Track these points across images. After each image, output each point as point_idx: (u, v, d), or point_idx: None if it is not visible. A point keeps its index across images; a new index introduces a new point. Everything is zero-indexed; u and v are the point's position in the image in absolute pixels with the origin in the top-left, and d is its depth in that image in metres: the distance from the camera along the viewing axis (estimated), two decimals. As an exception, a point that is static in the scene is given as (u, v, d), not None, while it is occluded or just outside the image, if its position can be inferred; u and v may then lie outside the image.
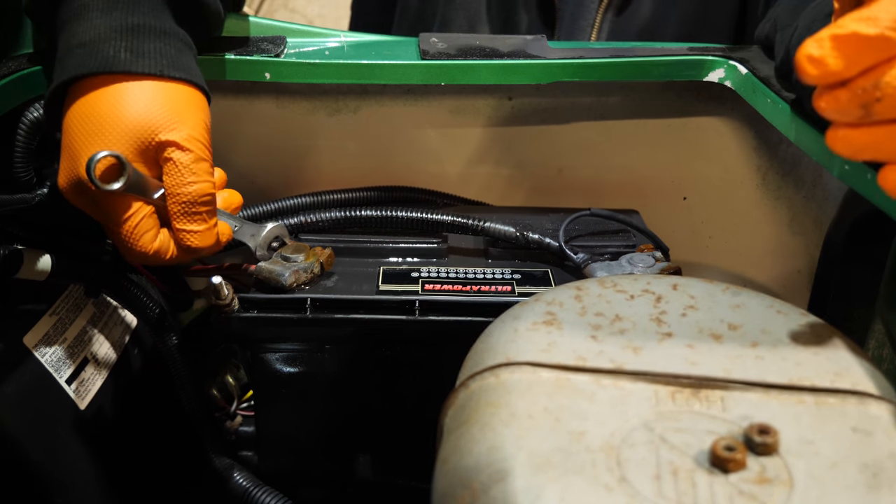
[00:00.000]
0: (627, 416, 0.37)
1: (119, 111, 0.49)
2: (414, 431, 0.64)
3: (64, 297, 0.64)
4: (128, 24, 0.51)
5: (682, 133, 0.79)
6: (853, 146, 0.36)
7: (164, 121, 0.50)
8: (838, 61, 0.34)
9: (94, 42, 0.50)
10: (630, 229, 0.69)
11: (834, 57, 0.34)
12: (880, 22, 0.33)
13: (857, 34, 0.34)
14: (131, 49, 0.51)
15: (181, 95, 0.52)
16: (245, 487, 0.64)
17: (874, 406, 0.38)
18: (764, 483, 0.34)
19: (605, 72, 0.69)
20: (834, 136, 0.37)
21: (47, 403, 0.60)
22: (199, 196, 0.51)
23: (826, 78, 0.35)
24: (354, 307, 0.59)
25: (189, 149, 0.51)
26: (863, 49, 0.34)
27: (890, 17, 0.33)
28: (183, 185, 0.51)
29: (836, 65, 0.34)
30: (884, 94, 0.34)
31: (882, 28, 0.33)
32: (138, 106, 0.50)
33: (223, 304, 0.58)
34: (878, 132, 0.35)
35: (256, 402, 0.66)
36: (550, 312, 0.44)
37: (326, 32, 0.73)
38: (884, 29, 0.33)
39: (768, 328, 0.43)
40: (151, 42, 0.52)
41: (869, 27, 0.33)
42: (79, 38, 0.51)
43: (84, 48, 0.50)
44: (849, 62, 0.34)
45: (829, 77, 0.35)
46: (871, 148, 0.36)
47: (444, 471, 0.38)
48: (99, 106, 0.50)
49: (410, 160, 0.79)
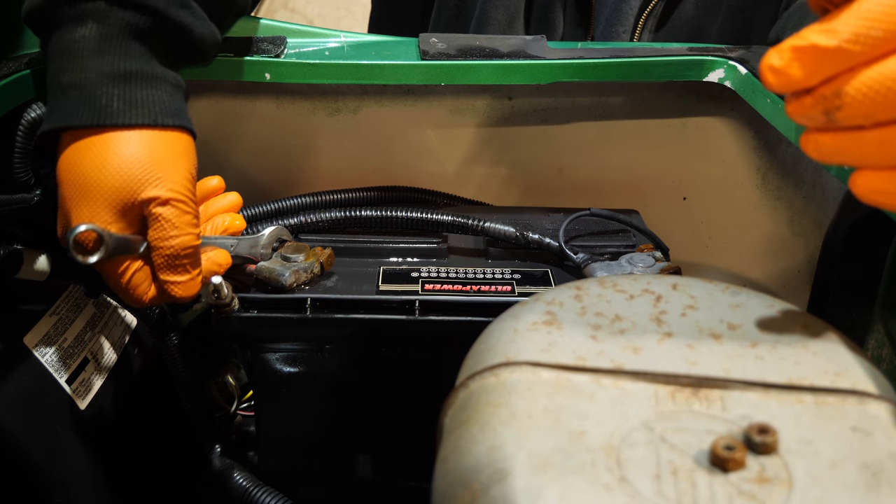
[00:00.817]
0: (627, 415, 0.37)
1: (104, 170, 0.50)
2: (414, 431, 0.64)
3: (64, 297, 0.64)
4: (120, 70, 0.51)
5: (682, 133, 0.79)
6: (822, 151, 0.38)
7: (149, 177, 0.51)
8: (798, 72, 0.36)
9: (85, 86, 0.51)
10: (630, 229, 0.69)
11: (794, 67, 0.36)
12: (839, 34, 0.34)
13: (816, 46, 0.35)
14: (123, 98, 0.51)
15: (169, 144, 0.53)
16: (245, 487, 0.64)
17: (874, 406, 0.38)
18: (764, 483, 0.34)
19: (605, 72, 0.69)
20: (806, 140, 0.39)
21: (47, 403, 0.60)
22: (182, 249, 0.52)
23: (787, 87, 0.36)
24: (354, 307, 0.59)
25: (172, 203, 0.52)
26: (822, 60, 0.35)
27: (849, 29, 0.34)
28: (165, 240, 0.52)
29: (796, 75, 0.36)
30: (843, 102, 0.35)
31: (840, 40, 0.34)
32: (123, 163, 0.51)
33: (223, 304, 0.58)
34: (844, 138, 0.37)
35: (256, 402, 0.66)
36: (550, 312, 0.44)
37: (326, 32, 0.73)
38: (841, 41, 0.34)
39: (768, 328, 0.43)
40: (143, 90, 0.52)
41: (828, 39, 0.35)
42: (69, 77, 0.51)
43: (76, 91, 0.51)
44: (808, 72, 0.35)
45: (790, 86, 0.36)
46: (839, 153, 0.37)
47: (443, 471, 0.38)
48: (85, 163, 0.51)
49: (410, 160, 0.79)
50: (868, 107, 0.35)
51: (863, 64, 0.35)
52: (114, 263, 0.53)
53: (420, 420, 0.52)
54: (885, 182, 0.37)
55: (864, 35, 0.34)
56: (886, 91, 0.34)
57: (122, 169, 0.51)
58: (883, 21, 0.34)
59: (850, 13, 0.35)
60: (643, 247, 0.65)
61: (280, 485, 0.65)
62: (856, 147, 0.36)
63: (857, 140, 0.36)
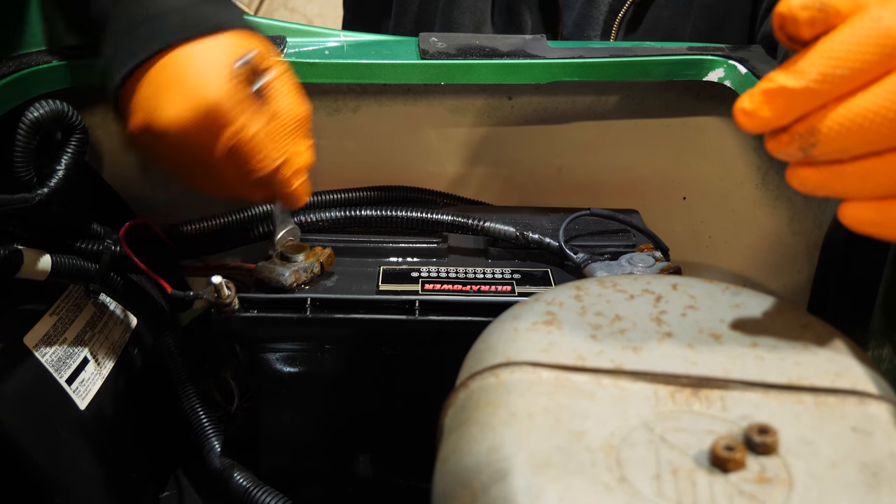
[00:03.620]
0: (627, 415, 0.37)
1: (221, 51, 0.53)
2: (414, 431, 0.64)
3: (64, 297, 0.64)
4: None
5: (682, 133, 0.79)
6: (806, 185, 0.38)
7: (265, 50, 0.54)
8: (769, 113, 0.36)
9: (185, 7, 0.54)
10: (630, 229, 0.69)
11: (765, 110, 0.36)
12: (806, 75, 0.35)
13: (784, 88, 0.36)
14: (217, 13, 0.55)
15: None
16: (245, 487, 0.64)
17: (874, 406, 0.38)
18: (764, 483, 0.34)
19: (605, 71, 0.69)
20: (790, 175, 0.39)
21: (47, 403, 0.60)
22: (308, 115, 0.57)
23: (760, 128, 0.37)
24: (354, 307, 0.59)
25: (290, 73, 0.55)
26: (791, 101, 0.36)
27: (815, 70, 0.35)
28: (294, 106, 0.55)
29: (767, 116, 0.36)
30: (817, 139, 0.36)
31: (807, 81, 0.35)
32: (238, 41, 0.54)
33: (223, 303, 0.58)
34: (825, 172, 0.37)
35: (256, 402, 0.66)
36: (550, 312, 0.44)
37: (326, 32, 0.73)
38: (809, 82, 0.35)
39: (768, 328, 0.43)
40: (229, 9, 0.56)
41: (795, 80, 0.35)
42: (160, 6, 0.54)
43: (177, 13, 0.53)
44: (779, 113, 0.36)
45: (763, 127, 0.37)
46: (822, 186, 0.38)
47: (444, 470, 0.38)
48: (201, 53, 0.53)
49: (410, 160, 0.79)
50: (841, 143, 0.36)
51: (833, 101, 0.36)
52: (228, 113, 0.52)
53: (420, 420, 0.52)
54: (871, 212, 0.37)
55: (830, 74, 0.35)
56: (857, 127, 0.35)
57: (238, 45, 0.53)
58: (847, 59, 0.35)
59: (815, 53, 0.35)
60: (643, 247, 0.65)
61: (280, 485, 0.65)
62: (837, 181, 0.37)
63: (838, 174, 0.37)
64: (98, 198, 0.75)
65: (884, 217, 0.37)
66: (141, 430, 0.71)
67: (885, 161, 0.36)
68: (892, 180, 0.36)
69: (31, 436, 0.58)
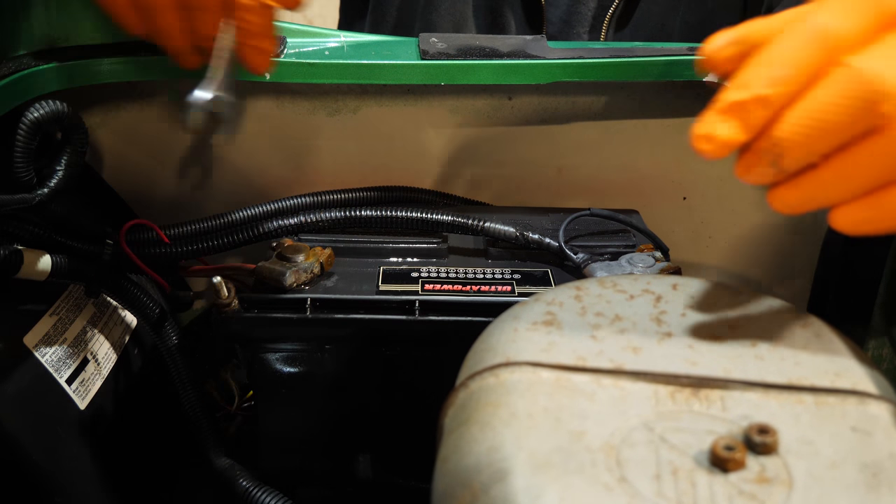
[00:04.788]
0: (627, 415, 0.37)
1: None
2: (414, 431, 0.64)
3: (64, 297, 0.64)
4: None
5: (683, 133, 0.79)
6: (789, 203, 0.38)
7: None
8: (727, 132, 0.36)
9: None
10: (630, 229, 0.69)
11: (721, 129, 0.36)
12: (751, 85, 0.35)
13: (734, 103, 0.36)
14: None
15: None
16: (245, 487, 0.64)
17: (874, 406, 0.38)
18: (763, 483, 0.34)
19: (606, 72, 0.69)
20: (771, 199, 0.38)
21: (47, 403, 0.60)
22: None
23: (722, 150, 0.37)
24: (354, 307, 0.59)
25: None
26: (744, 115, 0.36)
27: (759, 78, 0.35)
28: None
29: (724, 135, 0.36)
30: (782, 148, 0.35)
31: (754, 89, 0.35)
32: None
33: (223, 303, 0.58)
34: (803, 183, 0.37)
35: (256, 402, 0.66)
36: (550, 312, 0.44)
37: (326, 32, 0.73)
38: (756, 90, 0.35)
39: (768, 328, 0.43)
40: None
41: (743, 93, 0.35)
42: None
43: None
44: (735, 130, 0.36)
45: (724, 148, 0.37)
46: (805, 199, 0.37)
47: (444, 470, 0.38)
48: None
49: (410, 160, 0.79)
50: (806, 144, 0.35)
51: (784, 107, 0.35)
52: None
53: (420, 420, 0.52)
54: (862, 211, 0.36)
55: (774, 77, 0.35)
56: (816, 123, 0.34)
57: None
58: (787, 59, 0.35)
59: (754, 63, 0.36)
60: (643, 247, 0.65)
61: (280, 485, 0.65)
62: (818, 189, 0.36)
63: (816, 181, 0.36)
64: (98, 198, 0.75)
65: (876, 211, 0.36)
66: (141, 430, 0.71)
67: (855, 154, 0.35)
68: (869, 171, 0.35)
69: (31, 436, 0.58)
